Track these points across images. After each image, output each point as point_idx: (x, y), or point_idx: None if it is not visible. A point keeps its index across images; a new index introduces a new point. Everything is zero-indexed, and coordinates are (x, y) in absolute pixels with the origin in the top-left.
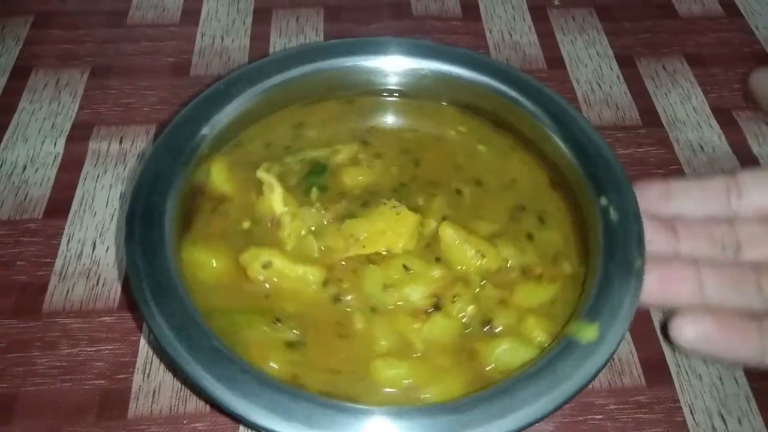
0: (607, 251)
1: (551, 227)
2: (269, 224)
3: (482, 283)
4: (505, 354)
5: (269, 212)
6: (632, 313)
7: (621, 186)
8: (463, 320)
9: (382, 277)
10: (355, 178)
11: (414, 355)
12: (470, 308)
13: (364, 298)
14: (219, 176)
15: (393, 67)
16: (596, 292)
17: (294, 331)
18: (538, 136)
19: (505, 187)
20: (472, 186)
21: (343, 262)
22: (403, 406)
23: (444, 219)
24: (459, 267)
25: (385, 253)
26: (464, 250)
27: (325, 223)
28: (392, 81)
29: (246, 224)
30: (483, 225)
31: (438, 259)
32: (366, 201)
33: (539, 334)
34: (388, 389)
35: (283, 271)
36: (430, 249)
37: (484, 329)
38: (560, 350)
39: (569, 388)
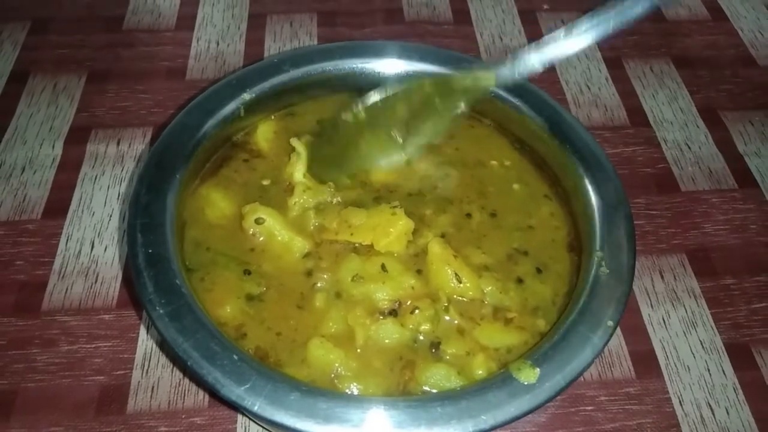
0: (585, 305)
1: (546, 281)
2: (285, 188)
3: (446, 305)
4: (439, 379)
5: (288, 177)
6: (581, 370)
7: (623, 245)
8: (415, 334)
9: (358, 267)
10: (380, 174)
11: (353, 347)
12: (426, 326)
13: (335, 281)
14: (263, 135)
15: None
16: (555, 340)
17: (260, 287)
18: (573, 189)
19: (518, 228)
20: (485, 215)
21: (330, 243)
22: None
23: (442, 236)
24: (434, 284)
25: (370, 246)
26: (444, 270)
27: (333, 202)
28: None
29: (266, 182)
30: (477, 254)
31: (419, 271)
32: (379, 197)
33: (482, 373)
34: (315, 367)
35: (272, 232)
36: (416, 259)
37: (432, 350)
38: (496, 382)
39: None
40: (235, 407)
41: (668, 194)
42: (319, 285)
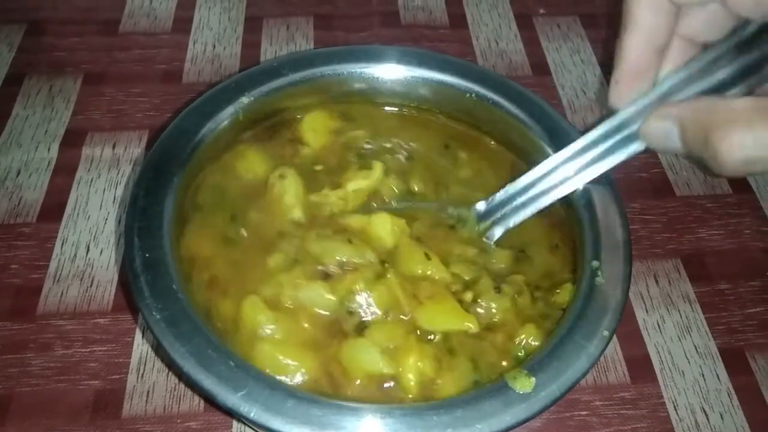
0: (580, 314)
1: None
2: (329, 180)
3: (389, 276)
4: (359, 355)
5: (343, 182)
6: (577, 379)
7: (619, 254)
8: (347, 304)
9: (330, 237)
10: None
11: (288, 311)
12: (361, 297)
13: (303, 250)
14: (309, 125)
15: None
16: (550, 350)
17: (242, 232)
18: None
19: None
20: None
21: (338, 220)
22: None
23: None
24: (405, 269)
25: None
26: (413, 252)
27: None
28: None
29: (318, 167)
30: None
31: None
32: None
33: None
34: (244, 324)
35: (287, 188)
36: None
37: (357, 326)
38: (492, 391)
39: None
40: (230, 413)
41: (663, 199)
42: (285, 248)
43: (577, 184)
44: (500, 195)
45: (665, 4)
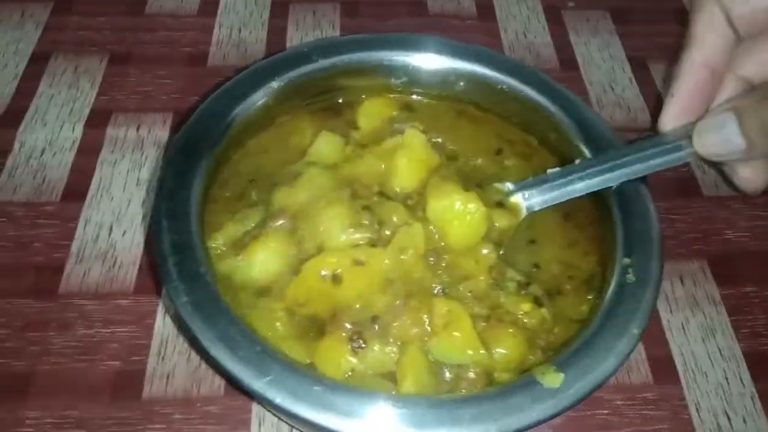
0: (610, 312)
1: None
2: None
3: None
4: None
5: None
6: (606, 376)
7: (651, 252)
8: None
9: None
10: None
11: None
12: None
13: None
14: (365, 111)
15: None
16: (579, 346)
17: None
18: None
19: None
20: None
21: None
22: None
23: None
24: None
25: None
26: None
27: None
28: None
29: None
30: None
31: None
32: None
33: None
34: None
35: (324, 151)
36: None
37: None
38: (520, 385)
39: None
40: (254, 397)
41: (690, 199)
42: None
43: (613, 181)
44: (535, 178)
45: (727, 30)
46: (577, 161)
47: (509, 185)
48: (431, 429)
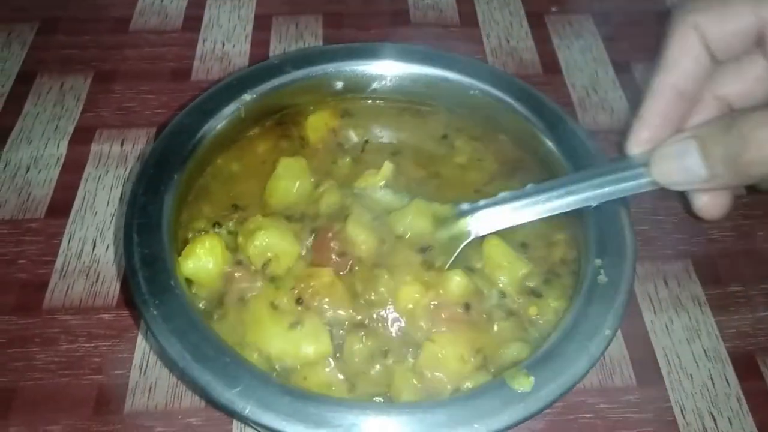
0: (581, 313)
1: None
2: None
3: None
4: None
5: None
6: (577, 379)
7: (623, 251)
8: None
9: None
10: None
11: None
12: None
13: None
14: (312, 125)
15: None
16: (550, 349)
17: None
18: None
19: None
20: None
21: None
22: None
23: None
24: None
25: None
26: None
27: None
28: None
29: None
30: None
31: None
32: None
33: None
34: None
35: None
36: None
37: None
38: (490, 389)
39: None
40: (224, 409)
41: (674, 199)
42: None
43: (564, 208)
44: (487, 200)
45: (702, 54)
46: (529, 186)
47: (463, 206)
48: None
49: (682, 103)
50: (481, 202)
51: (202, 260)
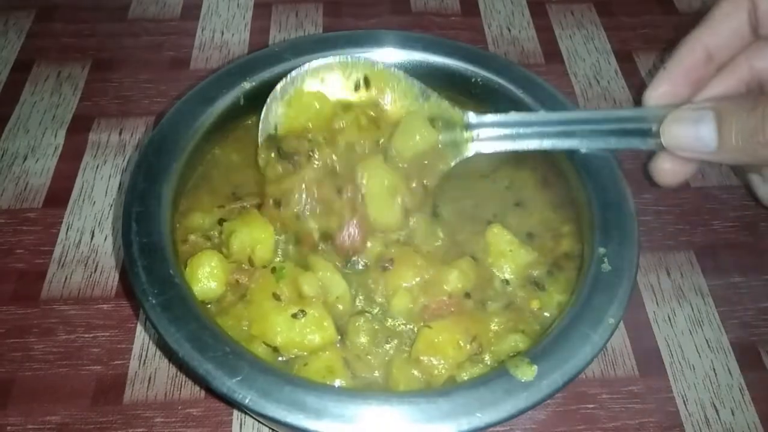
0: (585, 302)
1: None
2: None
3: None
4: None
5: None
6: (580, 368)
7: (626, 240)
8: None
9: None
10: None
11: None
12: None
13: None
14: None
15: None
16: (554, 338)
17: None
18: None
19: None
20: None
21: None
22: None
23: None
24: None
25: None
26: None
27: None
28: None
29: None
30: None
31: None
32: None
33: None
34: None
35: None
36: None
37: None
38: (493, 379)
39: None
40: (224, 399)
41: (677, 190)
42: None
43: (567, 146)
44: (496, 117)
45: (744, 23)
46: (540, 112)
47: (471, 116)
48: (404, 425)
49: (708, 66)
50: (488, 117)
51: (205, 284)
